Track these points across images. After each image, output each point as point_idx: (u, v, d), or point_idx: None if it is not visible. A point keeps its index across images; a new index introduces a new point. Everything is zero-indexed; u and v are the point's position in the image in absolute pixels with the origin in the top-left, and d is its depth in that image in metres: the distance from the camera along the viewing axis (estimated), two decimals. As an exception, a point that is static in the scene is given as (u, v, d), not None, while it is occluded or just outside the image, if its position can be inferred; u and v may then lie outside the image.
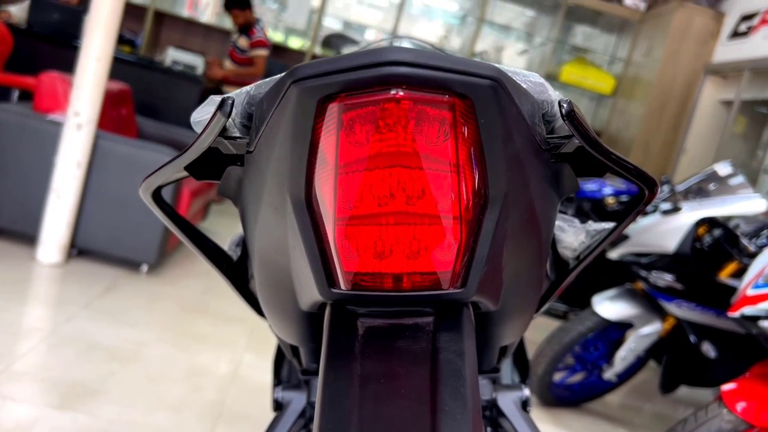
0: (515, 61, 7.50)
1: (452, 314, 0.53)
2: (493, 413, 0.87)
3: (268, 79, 0.50)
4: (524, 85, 0.49)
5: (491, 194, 0.48)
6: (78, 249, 3.42)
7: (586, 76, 7.04)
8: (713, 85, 5.91)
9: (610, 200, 3.60)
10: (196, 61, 5.89)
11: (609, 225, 0.67)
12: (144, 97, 4.80)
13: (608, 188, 3.65)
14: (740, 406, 1.95)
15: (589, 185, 3.73)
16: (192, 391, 2.38)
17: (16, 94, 4.64)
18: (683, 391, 3.39)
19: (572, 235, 0.70)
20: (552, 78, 7.26)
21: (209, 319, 3.13)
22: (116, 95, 3.90)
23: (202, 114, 0.51)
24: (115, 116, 3.89)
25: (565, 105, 0.47)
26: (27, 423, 1.95)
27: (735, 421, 1.93)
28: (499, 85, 0.44)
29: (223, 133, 0.52)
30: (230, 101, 0.48)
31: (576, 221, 0.73)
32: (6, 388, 2.09)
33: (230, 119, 0.50)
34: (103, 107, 3.32)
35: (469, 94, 0.43)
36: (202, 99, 5.46)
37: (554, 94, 0.51)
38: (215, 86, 5.80)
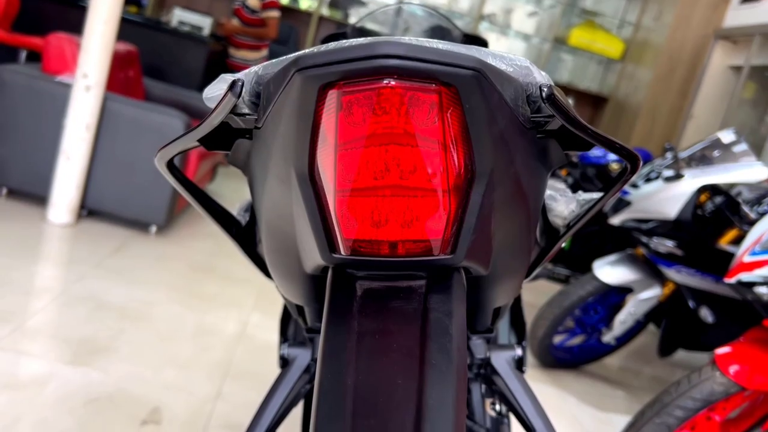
0: (524, 24, 7.43)
1: (443, 278, 0.58)
2: (487, 371, 0.92)
3: (274, 60, 0.54)
4: (510, 69, 0.52)
5: (478, 170, 0.52)
6: (88, 210, 3.47)
7: (595, 40, 6.98)
8: (723, 50, 5.86)
9: (615, 166, 3.62)
10: (203, 22, 5.86)
11: (597, 195, 0.71)
12: (151, 58, 4.80)
13: (613, 154, 3.67)
14: (733, 369, 2.00)
15: (594, 151, 3.75)
16: (200, 350, 2.45)
17: (23, 55, 4.65)
18: (681, 354, 3.46)
19: (563, 204, 0.74)
20: (561, 41, 7.20)
21: (217, 279, 3.19)
22: (123, 57, 3.91)
23: (214, 91, 0.55)
24: (122, 78, 3.90)
25: (545, 90, 0.51)
26: (42, 377, 2.02)
27: (727, 384, 1.99)
28: (481, 75, 0.48)
29: (234, 110, 0.56)
30: (240, 83, 0.52)
31: (568, 191, 0.77)
32: (21, 344, 2.16)
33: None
34: (111, 69, 3.34)
35: (453, 83, 0.47)
36: (208, 61, 5.45)
37: (539, 76, 0.54)
38: (222, 48, 5.78)
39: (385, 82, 0.48)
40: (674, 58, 6.04)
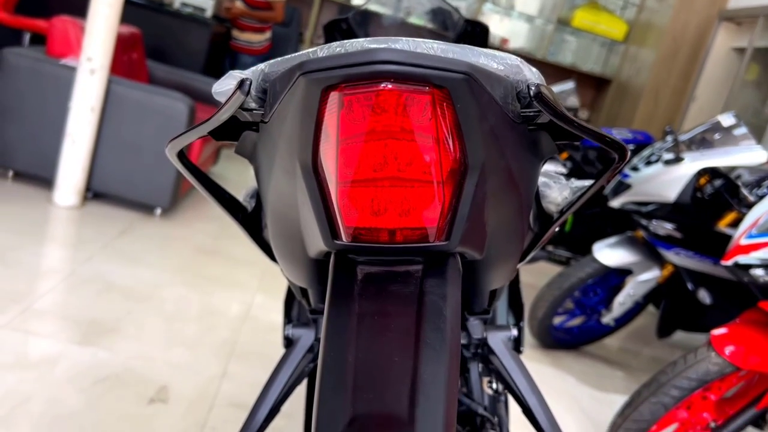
0: (528, 5, 7.40)
1: (438, 263, 0.62)
2: (484, 351, 0.96)
3: (279, 59, 0.58)
4: (501, 68, 0.55)
5: (470, 162, 0.56)
6: (93, 192, 3.51)
7: (599, 21, 6.96)
8: (726, 32, 5.84)
9: (616, 149, 3.63)
10: (205, 4, 5.85)
11: (589, 182, 0.74)
12: (154, 40, 4.81)
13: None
14: (728, 349, 2.04)
15: (596, 133, 3.77)
16: (206, 330, 2.49)
17: (27, 37, 4.66)
18: (679, 335, 3.50)
19: (557, 191, 0.77)
20: (564, 23, 7.18)
21: (222, 261, 3.24)
22: (127, 39, 3.93)
23: (222, 86, 0.58)
24: (126, 61, 3.92)
25: (533, 88, 0.55)
26: (51, 357, 2.06)
27: (722, 364, 2.03)
28: (470, 78, 0.52)
29: (241, 105, 0.59)
30: (248, 82, 0.56)
31: (562, 178, 0.80)
32: (30, 324, 2.21)
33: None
34: (115, 51, 3.36)
35: (445, 85, 0.51)
36: (211, 43, 5.45)
37: (529, 74, 0.58)
38: (226, 30, 5.78)
39: (382, 85, 0.52)
40: (678, 39, 6.02)
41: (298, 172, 0.58)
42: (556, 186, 0.78)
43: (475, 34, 1.70)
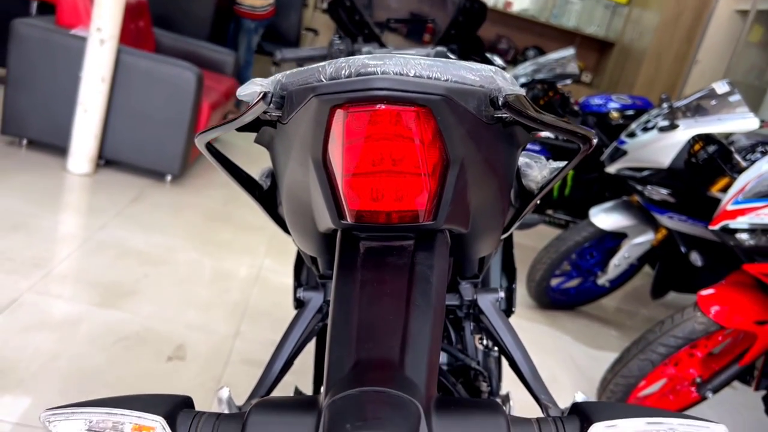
0: (531, -33, 7.38)
1: (428, 239, 0.74)
2: (475, 311, 1.08)
3: (295, 71, 0.68)
4: (477, 79, 0.65)
5: (451, 159, 0.67)
6: (105, 160, 3.61)
7: (603, -16, 6.95)
8: (730, -6, 5.84)
9: (615, 114, 3.71)
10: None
11: (563, 164, 0.84)
12: (159, 8, 4.86)
13: (614, 103, 3.76)
14: (714, 309, 2.15)
15: (595, 100, 3.84)
16: (218, 292, 2.62)
17: (35, 6, 4.71)
18: (673, 296, 3.61)
19: (537, 171, 0.88)
20: (568, -15, 7.17)
21: (231, 226, 3.35)
22: (134, 7, 3.99)
23: (246, 90, 0.69)
24: (133, 29, 3.99)
25: (501, 99, 0.65)
26: (74, 318, 2.19)
27: (707, 323, 2.14)
28: (447, 98, 0.62)
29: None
30: (270, 95, 0.66)
31: (542, 158, 0.90)
32: (52, 288, 2.34)
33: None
34: (123, 20, 3.42)
35: (427, 104, 0.62)
36: (216, 8, 5.49)
37: (502, 82, 0.67)
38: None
39: (377, 106, 0.64)
40: (681, 2, 6.02)
41: (310, 164, 0.70)
42: (537, 166, 0.88)
43: (473, 11, 1.78)
